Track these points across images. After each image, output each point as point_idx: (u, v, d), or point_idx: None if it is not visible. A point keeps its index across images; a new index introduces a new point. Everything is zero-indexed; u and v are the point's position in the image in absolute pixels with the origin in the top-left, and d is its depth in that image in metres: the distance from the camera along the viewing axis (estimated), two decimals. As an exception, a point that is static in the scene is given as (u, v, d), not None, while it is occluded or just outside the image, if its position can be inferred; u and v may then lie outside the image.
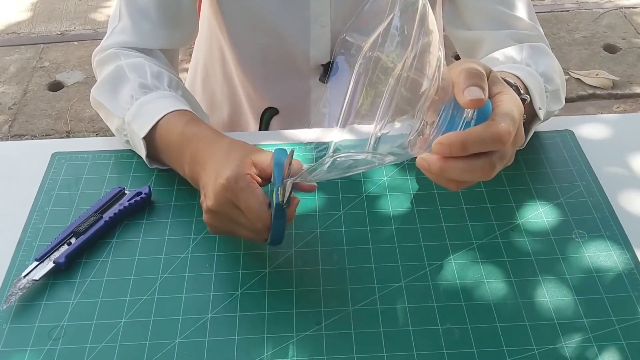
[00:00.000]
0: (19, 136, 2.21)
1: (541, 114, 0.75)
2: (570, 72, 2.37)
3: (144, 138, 0.77)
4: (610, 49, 2.50)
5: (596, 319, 0.64)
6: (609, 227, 0.73)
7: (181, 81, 0.88)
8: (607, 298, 0.66)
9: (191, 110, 0.79)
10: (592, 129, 0.87)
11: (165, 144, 0.77)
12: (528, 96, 0.69)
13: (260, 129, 1.05)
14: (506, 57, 0.79)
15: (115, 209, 0.74)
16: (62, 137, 2.17)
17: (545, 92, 0.77)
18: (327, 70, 0.97)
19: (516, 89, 0.68)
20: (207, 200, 0.66)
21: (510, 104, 0.56)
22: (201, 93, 1.12)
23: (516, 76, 0.73)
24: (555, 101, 0.80)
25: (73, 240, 0.71)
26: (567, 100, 2.29)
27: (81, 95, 2.37)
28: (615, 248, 0.71)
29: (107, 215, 0.73)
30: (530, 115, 0.76)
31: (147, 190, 0.76)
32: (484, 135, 0.53)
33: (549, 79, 0.78)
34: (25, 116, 2.29)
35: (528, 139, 0.79)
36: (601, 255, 0.70)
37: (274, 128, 1.05)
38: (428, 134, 0.54)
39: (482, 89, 0.53)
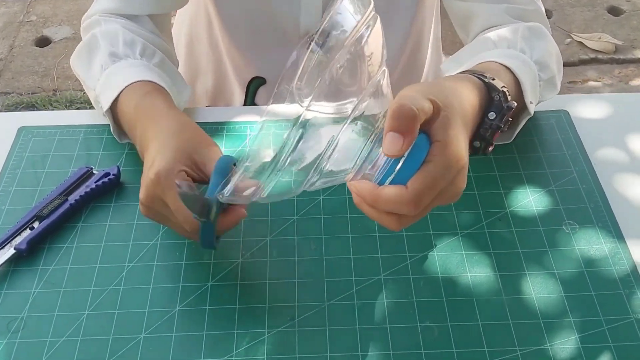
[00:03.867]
0: (5, 94, 2.15)
1: (532, 108, 0.70)
2: (572, 35, 2.30)
3: (111, 109, 0.73)
4: (614, 11, 2.42)
5: (584, 318, 0.61)
6: (601, 218, 0.69)
7: (164, 48, 0.82)
8: (596, 296, 0.63)
9: (158, 81, 0.73)
10: (589, 109, 0.82)
11: (124, 117, 0.72)
12: (514, 103, 0.64)
13: (246, 100, 1.01)
14: (500, 38, 0.73)
15: (82, 191, 0.70)
16: (49, 95, 2.12)
17: (539, 81, 0.72)
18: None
19: (503, 95, 0.63)
20: (140, 191, 0.62)
21: (442, 164, 0.50)
22: (184, 60, 1.06)
23: (508, 68, 0.68)
24: (549, 89, 0.75)
25: (36, 225, 0.67)
26: (568, 64, 2.23)
27: (69, 51, 2.30)
28: (607, 241, 0.67)
29: (72, 198, 0.70)
30: (520, 109, 0.72)
31: (115, 171, 0.72)
32: (393, 200, 0.49)
33: (543, 67, 0.72)
34: (11, 73, 2.23)
35: (516, 133, 0.75)
36: (592, 249, 0.66)
37: (261, 99, 1.00)
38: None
39: (406, 135, 0.47)
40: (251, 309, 0.62)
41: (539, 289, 0.63)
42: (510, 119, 0.65)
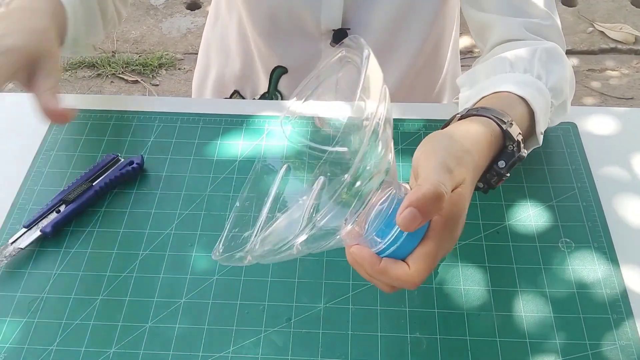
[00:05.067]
0: (70, 53, 2.12)
1: (541, 139, 0.63)
2: (595, 24, 2.16)
3: None
4: (637, 2, 2.26)
5: (569, 341, 0.56)
6: (597, 238, 0.63)
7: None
8: (584, 319, 0.57)
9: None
10: (598, 123, 0.75)
11: None
12: (525, 152, 0.57)
13: (269, 86, 0.96)
14: (517, 60, 0.64)
15: (106, 178, 0.67)
16: (108, 56, 2.08)
17: (551, 107, 0.64)
18: (337, 36, 0.86)
19: (517, 145, 0.55)
20: None
21: (441, 241, 0.45)
22: (219, 44, 1.01)
23: (524, 100, 0.60)
24: (559, 113, 0.68)
25: (62, 208, 0.64)
26: (589, 52, 2.09)
27: (129, 16, 2.25)
28: (601, 262, 0.61)
29: (97, 184, 0.66)
30: (529, 138, 0.63)
31: (139, 160, 0.68)
32: (396, 278, 0.44)
33: (557, 93, 0.64)
34: (77, 33, 2.19)
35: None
36: (585, 269, 0.61)
37: (284, 86, 0.95)
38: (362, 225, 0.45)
39: (426, 217, 0.42)
40: (251, 306, 0.58)
41: (529, 307, 0.58)
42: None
